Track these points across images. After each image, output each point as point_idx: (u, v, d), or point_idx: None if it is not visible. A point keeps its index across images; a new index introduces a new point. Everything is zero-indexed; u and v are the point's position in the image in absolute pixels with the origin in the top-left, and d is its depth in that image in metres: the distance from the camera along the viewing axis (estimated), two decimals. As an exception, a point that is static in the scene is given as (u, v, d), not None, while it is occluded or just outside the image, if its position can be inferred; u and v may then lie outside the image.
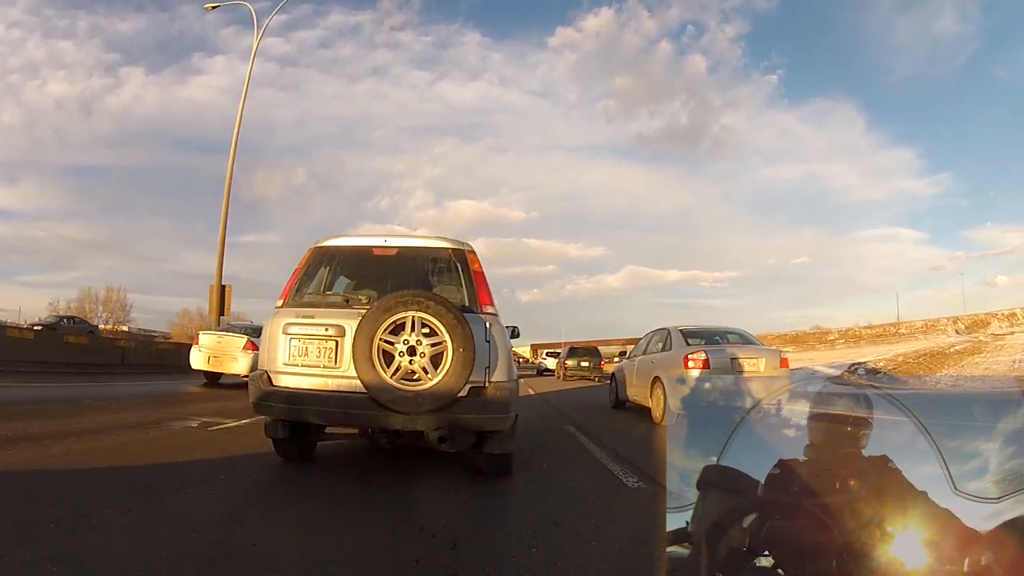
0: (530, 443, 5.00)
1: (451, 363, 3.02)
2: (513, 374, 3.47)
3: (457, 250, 3.65)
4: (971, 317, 28.86)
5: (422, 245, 3.77)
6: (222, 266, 16.47)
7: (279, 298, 3.55)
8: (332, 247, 3.77)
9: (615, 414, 8.82)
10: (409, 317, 3.06)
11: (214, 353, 10.71)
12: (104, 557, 1.99)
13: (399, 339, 3.05)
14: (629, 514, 3.06)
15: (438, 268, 3.71)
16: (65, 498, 2.69)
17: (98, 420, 5.33)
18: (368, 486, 3.55)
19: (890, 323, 47.26)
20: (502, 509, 3.15)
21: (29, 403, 6.64)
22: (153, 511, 2.62)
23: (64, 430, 4.53)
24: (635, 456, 4.71)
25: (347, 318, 3.24)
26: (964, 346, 25.63)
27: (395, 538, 2.43)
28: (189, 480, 3.26)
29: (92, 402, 7.04)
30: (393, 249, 3.71)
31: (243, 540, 2.41)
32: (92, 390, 8.82)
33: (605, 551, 2.38)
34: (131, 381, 11.79)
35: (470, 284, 3.51)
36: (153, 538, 2.22)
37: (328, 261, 3.78)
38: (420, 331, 3.05)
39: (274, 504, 3.08)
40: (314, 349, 3.25)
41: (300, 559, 2.15)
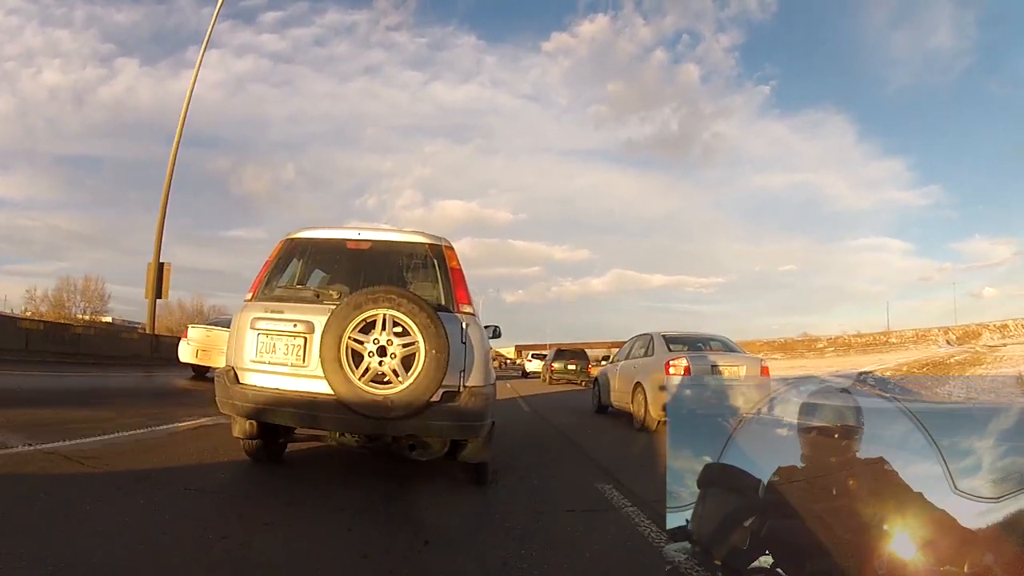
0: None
1: (423, 365, 2.78)
2: (491, 378, 3.25)
3: (434, 245, 3.39)
4: (962, 328, 29.17)
5: (397, 239, 3.51)
6: (160, 244, 15.49)
7: (248, 291, 3.32)
8: (304, 239, 3.50)
9: (598, 419, 8.58)
10: (380, 315, 2.83)
11: (203, 347, 10.51)
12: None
13: (369, 338, 2.82)
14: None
15: (414, 264, 3.47)
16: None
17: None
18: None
19: (880, 332, 47.59)
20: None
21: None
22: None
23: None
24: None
25: (317, 314, 3.00)
26: (963, 356, 25.76)
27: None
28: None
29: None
30: (367, 243, 3.45)
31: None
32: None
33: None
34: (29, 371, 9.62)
35: (447, 281, 3.27)
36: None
37: (300, 253, 3.52)
38: (392, 330, 2.82)
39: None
40: (282, 346, 3.03)
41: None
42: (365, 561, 2.16)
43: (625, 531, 2.69)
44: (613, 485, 3.67)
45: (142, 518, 2.39)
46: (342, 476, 3.65)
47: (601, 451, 5.43)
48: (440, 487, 3.44)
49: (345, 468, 3.83)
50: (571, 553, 2.42)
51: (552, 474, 4.27)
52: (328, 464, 3.95)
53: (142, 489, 2.83)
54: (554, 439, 6.36)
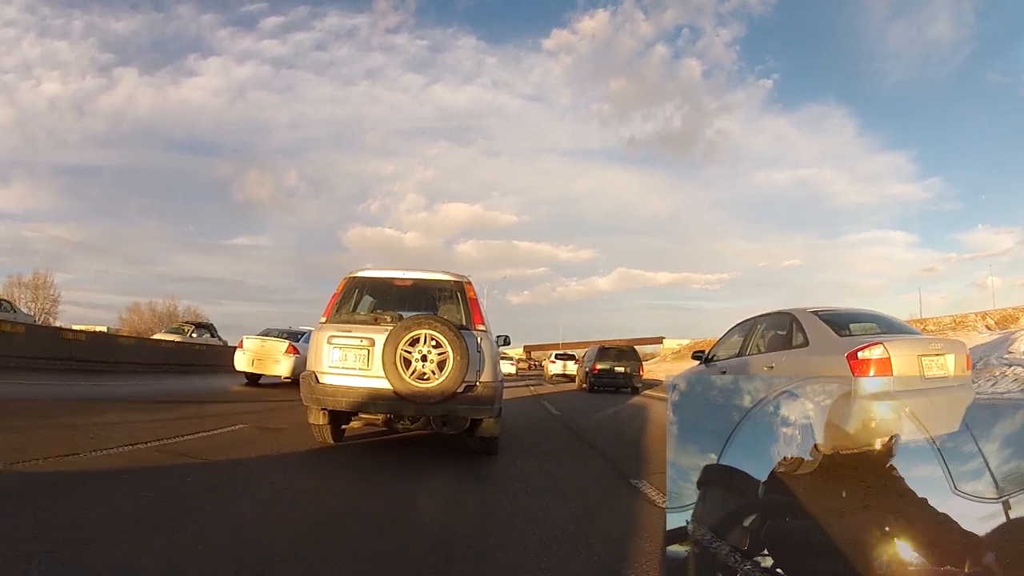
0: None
1: (451, 368, 3.91)
2: (498, 376, 4.33)
3: (457, 282, 4.64)
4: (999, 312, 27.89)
5: (431, 278, 4.73)
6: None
7: (323, 315, 4.44)
8: (362, 277, 4.73)
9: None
10: (423, 333, 3.98)
11: (258, 356, 11.31)
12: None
13: (415, 349, 3.96)
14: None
15: (443, 295, 4.70)
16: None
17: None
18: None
19: (916, 319, 46.10)
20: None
21: None
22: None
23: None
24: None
25: (376, 332, 4.11)
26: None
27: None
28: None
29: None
30: (410, 280, 4.73)
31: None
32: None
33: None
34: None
35: (467, 308, 4.48)
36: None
37: (359, 288, 4.74)
38: (430, 343, 3.96)
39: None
40: (351, 355, 4.15)
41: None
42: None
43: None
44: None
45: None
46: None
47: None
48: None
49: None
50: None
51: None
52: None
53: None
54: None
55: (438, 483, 3.73)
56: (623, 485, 3.74)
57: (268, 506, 2.83)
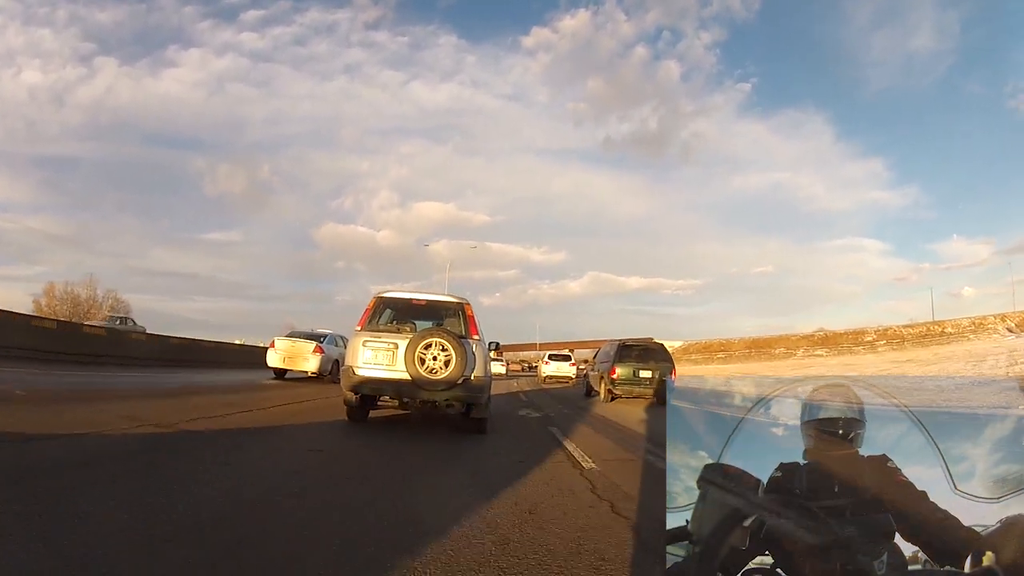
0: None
1: (454, 365, 5.52)
2: (488, 373, 6.11)
3: (459, 303, 6.51)
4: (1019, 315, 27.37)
5: (440, 299, 6.73)
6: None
7: (358, 324, 6.09)
8: (388, 297, 6.56)
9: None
10: (434, 341, 5.57)
11: (289, 354, 13.29)
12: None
13: (428, 352, 5.54)
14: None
15: (448, 312, 6.62)
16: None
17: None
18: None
19: (933, 322, 45.13)
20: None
21: None
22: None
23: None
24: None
25: (399, 338, 5.82)
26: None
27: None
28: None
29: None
30: (424, 300, 6.62)
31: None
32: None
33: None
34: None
35: (466, 322, 6.27)
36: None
37: (386, 304, 6.60)
38: (439, 348, 5.55)
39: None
40: (380, 355, 5.77)
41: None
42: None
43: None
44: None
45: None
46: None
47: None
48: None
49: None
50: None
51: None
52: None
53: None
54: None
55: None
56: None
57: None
